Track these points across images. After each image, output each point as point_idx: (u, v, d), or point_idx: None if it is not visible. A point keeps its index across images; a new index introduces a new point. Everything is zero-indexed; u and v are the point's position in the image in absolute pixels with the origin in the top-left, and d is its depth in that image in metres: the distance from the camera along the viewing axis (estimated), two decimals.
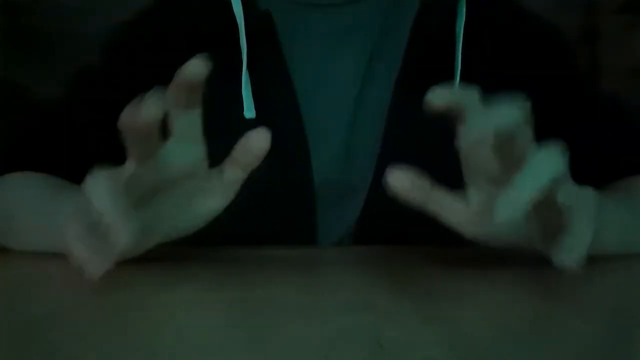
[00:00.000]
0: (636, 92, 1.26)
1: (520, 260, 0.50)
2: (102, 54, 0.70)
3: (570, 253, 0.44)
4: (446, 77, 0.65)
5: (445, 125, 0.65)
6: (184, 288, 0.44)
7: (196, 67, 0.44)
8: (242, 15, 0.63)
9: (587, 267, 0.51)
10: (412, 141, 0.64)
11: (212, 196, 0.49)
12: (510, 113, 0.39)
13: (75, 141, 0.68)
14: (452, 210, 0.44)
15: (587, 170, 0.66)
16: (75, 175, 0.66)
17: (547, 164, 0.39)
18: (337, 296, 0.42)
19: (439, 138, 0.65)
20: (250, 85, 0.63)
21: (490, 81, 0.67)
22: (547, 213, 0.43)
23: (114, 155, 0.68)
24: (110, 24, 0.72)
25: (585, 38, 1.38)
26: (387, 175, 0.43)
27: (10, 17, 1.30)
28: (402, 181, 0.43)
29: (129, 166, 0.46)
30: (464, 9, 0.64)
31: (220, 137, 0.66)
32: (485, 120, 0.40)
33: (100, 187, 0.44)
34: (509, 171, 0.40)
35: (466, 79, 0.64)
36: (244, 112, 0.63)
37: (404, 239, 0.62)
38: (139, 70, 0.68)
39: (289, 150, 0.64)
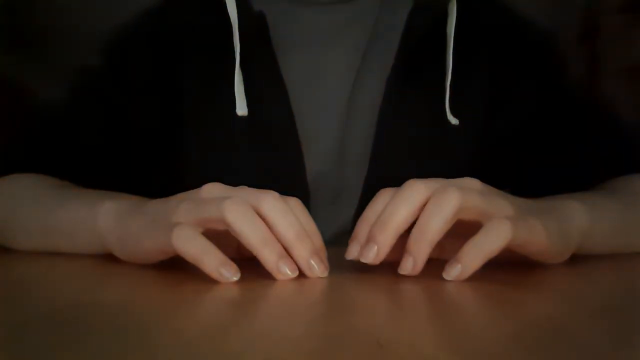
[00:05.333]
0: (636, 91, 1.26)
1: (519, 261, 0.50)
2: (101, 56, 0.71)
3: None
4: (437, 75, 0.65)
5: (436, 123, 0.66)
6: (183, 288, 0.44)
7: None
8: (236, 16, 0.64)
9: (587, 266, 0.51)
10: (404, 138, 0.65)
11: None
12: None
13: (76, 142, 0.68)
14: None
15: (578, 171, 0.66)
16: (75, 175, 0.66)
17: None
18: (336, 296, 0.42)
19: (430, 134, 0.66)
20: (242, 83, 0.64)
21: (480, 81, 0.67)
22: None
23: (114, 155, 0.68)
24: (110, 24, 0.72)
25: (585, 38, 1.38)
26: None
27: (10, 17, 1.30)
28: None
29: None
30: (455, 10, 0.65)
31: (214, 134, 0.66)
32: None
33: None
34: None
35: (457, 78, 0.65)
36: (236, 109, 0.63)
37: (401, 237, 0.62)
38: (137, 71, 0.69)
39: (282, 148, 0.64)
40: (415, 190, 0.46)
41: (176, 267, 0.49)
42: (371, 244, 0.46)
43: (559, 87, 0.70)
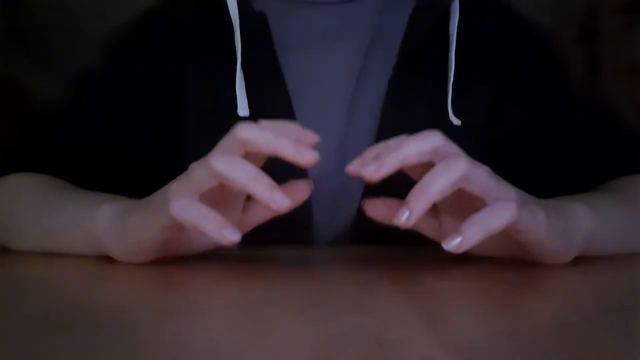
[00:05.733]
0: (635, 91, 1.26)
1: (519, 261, 0.50)
2: (101, 57, 0.71)
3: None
4: (439, 76, 0.65)
5: (438, 123, 0.65)
6: (183, 288, 0.43)
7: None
8: (237, 16, 0.64)
9: (587, 267, 0.51)
10: None
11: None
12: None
13: (77, 142, 0.68)
14: (428, 228, 0.52)
15: (579, 172, 0.67)
16: (76, 176, 0.66)
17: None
18: (336, 296, 0.42)
19: None
20: (244, 84, 0.64)
21: (482, 81, 0.67)
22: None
23: (114, 156, 0.68)
24: (110, 24, 0.72)
25: (585, 38, 1.38)
26: (364, 208, 0.50)
27: (10, 16, 1.30)
28: (378, 212, 0.50)
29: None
30: (457, 10, 0.65)
31: (215, 135, 0.66)
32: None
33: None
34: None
35: (459, 78, 0.65)
36: (238, 111, 0.63)
37: (401, 239, 0.62)
38: (138, 72, 0.69)
39: None
40: (433, 136, 0.46)
41: (176, 267, 0.49)
42: (374, 162, 0.45)
43: (561, 87, 0.70)
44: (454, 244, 0.44)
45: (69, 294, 0.43)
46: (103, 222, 0.53)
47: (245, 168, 0.45)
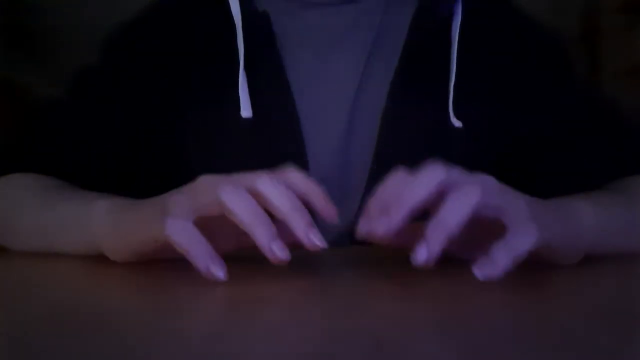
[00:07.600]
0: (636, 91, 1.26)
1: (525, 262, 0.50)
2: (100, 54, 0.71)
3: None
4: (442, 77, 0.65)
5: (439, 125, 0.65)
6: (183, 288, 0.43)
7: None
8: (239, 16, 0.64)
9: (587, 267, 0.51)
10: (407, 140, 0.64)
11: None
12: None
13: (75, 141, 0.68)
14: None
15: (584, 171, 0.66)
16: (75, 175, 0.66)
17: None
18: (336, 296, 0.42)
19: (434, 137, 0.65)
20: (247, 85, 0.64)
21: (485, 81, 0.67)
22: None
23: (114, 156, 0.68)
24: (110, 24, 0.72)
25: (585, 38, 1.38)
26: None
27: (10, 17, 1.30)
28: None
29: None
30: (460, 12, 0.65)
31: (217, 136, 0.66)
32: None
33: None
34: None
35: (461, 80, 0.65)
36: (241, 112, 0.63)
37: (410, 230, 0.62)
38: (137, 70, 0.69)
39: (285, 149, 0.64)
40: (434, 171, 0.45)
41: (176, 267, 0.49)
42: (384, 217, 0.44)
43: (566, 89, 0.70)
44: (486, 272, 0.42)
45: (69, 295, 0.43)
46: (98, 217, 0.53)
47: (250, 208, 0.44)
